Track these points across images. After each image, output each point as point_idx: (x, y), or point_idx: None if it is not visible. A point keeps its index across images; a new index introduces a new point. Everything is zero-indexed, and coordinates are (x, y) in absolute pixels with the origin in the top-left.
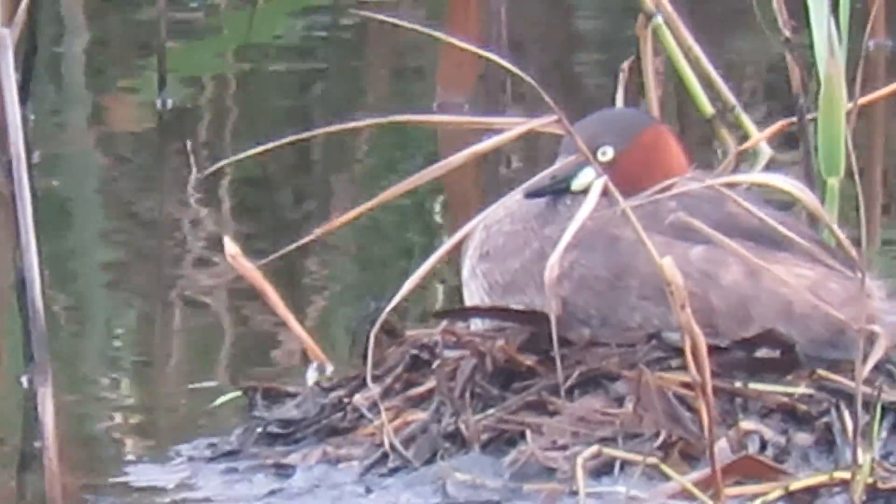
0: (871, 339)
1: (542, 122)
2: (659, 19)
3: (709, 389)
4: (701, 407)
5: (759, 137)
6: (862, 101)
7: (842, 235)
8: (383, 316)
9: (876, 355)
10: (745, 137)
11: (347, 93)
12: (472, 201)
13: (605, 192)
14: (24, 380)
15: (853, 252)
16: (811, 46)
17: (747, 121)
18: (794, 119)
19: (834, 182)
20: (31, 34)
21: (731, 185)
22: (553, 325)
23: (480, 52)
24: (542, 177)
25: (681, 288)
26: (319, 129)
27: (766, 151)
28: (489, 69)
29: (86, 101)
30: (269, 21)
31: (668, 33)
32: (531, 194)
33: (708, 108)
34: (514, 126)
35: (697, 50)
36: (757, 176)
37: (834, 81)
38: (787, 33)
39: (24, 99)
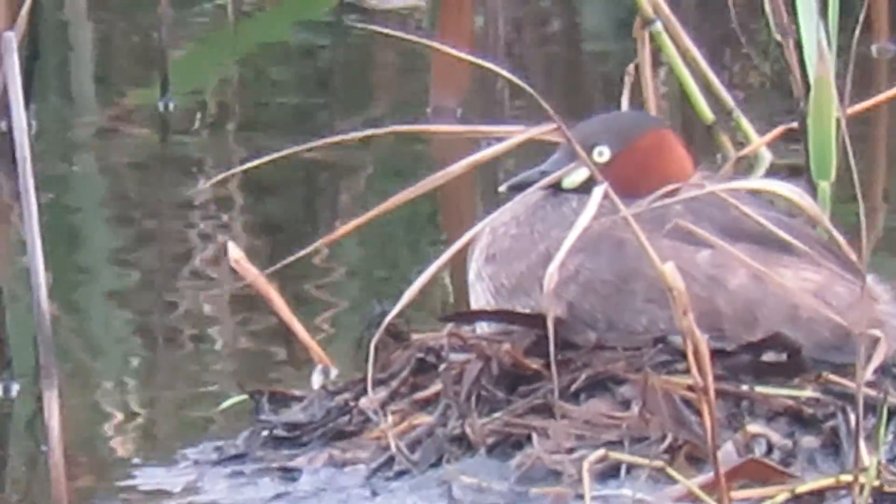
0: (875, 342)
1: (541, 131)
2: (658, 25)
3: (711, 394)
4: (703, 411)
5: (760, 142)
6: (858, 107)
7: (842, 239)
8: (386, 322)
9: (877, 359)
10: (744, 143)
11: (353, 97)
12: (468, 204)
13: (605, 197)
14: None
15: (853, 255)
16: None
17: (747, 125)
18: (794, 124)
19: (825, 186)
20: (32, 40)
21: (732, 191)
22: (551, 333)
23: (471, 58)
24: (531, 172)
25: (683, 294)
26: (315, 143)
27: (766, 156)
28: (484, 73)
29: (89, 105)
30: (274, 26)
31: (667, 38)
32: (514, 187)
33: (708, 115)
34: (513, 134)
35: (696, 53)
36: (756, 182)
37: (823, 84)
38: (779, 37)
39: (26, 104)
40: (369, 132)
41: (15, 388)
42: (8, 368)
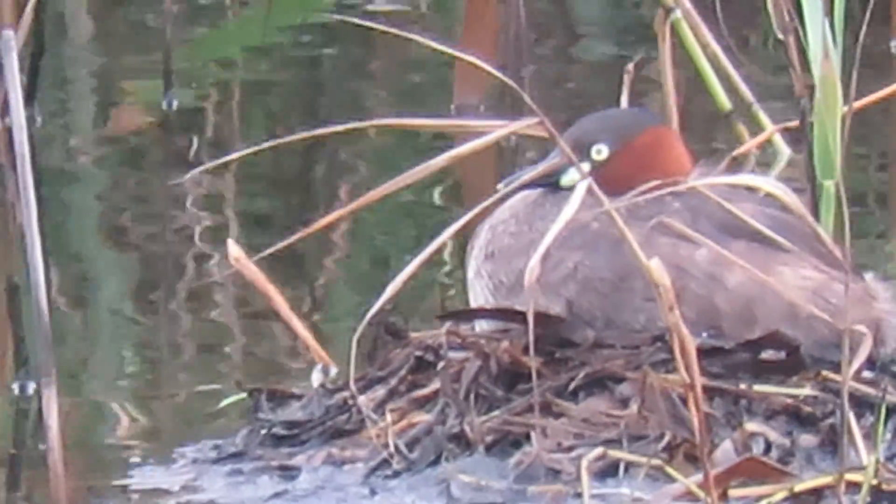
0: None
1: (524, 125)
2: (678, 14)
3: (698, 390)
4: (692, 407)
5: (753, 142)
6: (861, 102)
7: (826, 237)
8: (369, 316)
9: (861, 356)
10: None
11: (361, 92)
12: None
13: (591, 193)
14: (16, 386)
15: (838, 253)
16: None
17: (765, 118)
18: (791, 123)
19: (830, 184)
20: (37, 36)
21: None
22: (531, 325)
23: (479, 62)
24: (530, 171)
25: (668, 290)
26: (297, 135)
27: (785, 151)
28: (507, 71)
29: (91, 102)
30: (277, 20)
31: (686, 28)
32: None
33: (726, 104)
34: (496, 129)
35: (715, 47)
36: (739, 177)
37: (828, 83)
38: (780, 35)
39: (30, 100)
40: (354, 125)
41: (31, 386)
42: (24, 367)
